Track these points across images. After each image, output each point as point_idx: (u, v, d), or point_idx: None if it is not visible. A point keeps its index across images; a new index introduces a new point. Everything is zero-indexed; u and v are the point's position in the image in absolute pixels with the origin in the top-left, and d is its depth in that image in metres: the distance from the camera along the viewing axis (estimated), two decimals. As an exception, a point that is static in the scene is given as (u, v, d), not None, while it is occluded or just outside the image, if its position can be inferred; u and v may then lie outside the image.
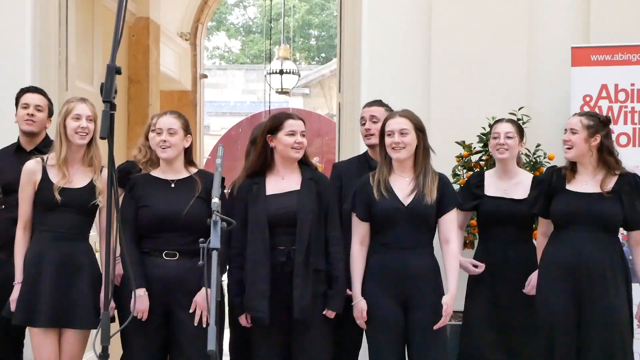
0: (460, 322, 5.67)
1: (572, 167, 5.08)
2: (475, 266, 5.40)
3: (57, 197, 4.87)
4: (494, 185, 5.50)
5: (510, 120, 5.59)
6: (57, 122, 5.06)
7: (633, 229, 5.05)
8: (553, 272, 5.02)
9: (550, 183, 5.12)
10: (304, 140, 4.95)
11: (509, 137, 5.43)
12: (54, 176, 4.94)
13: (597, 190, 4.97)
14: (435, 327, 4.87)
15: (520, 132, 5.56)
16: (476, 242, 5.91)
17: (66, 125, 4.92)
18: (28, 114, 5.59)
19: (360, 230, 5.02)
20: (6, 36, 6.57)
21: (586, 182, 5.02)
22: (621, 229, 5.17)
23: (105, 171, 4.91)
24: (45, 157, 5.01)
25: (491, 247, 5.46)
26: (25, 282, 4.92)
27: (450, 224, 5.01)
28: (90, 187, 4.96)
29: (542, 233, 5.23)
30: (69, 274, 4.88)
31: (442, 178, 5.04)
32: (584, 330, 4.93)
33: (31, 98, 5.53)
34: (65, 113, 4.95)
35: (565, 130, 5.07)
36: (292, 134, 4.90)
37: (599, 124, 5.00)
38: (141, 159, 5.32)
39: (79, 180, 4.97)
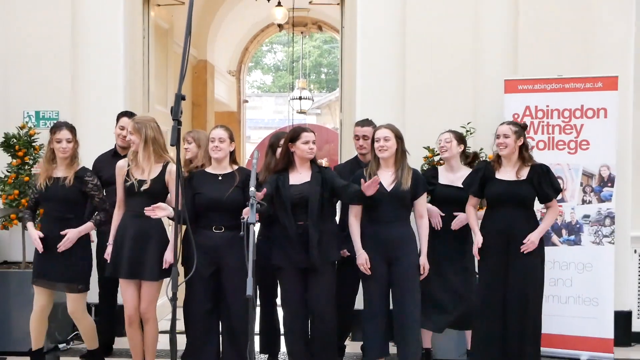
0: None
1: (498, 161, 5.11)
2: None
3: (136, 186, 4.90)
4: (444, 177, 5.50)
5: (450, 130, 5.54)
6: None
7: (543, 202, 5.11)
8: (490, 239, 5.04)
9: (483, 173, 5.12)
10: (314, 147, 5.04)
11: (447, 142, 5.45)
12: (136, 172, 4.97)
13: (515, 178, 5.01)
14: (420, 279, 5.04)
15: (459, 138, 5.52)
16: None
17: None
18: (123, 135, 5.60)
19: (355, 208, 5.08)
20: (105, 72, 6.55)
21: (508, 172, 5.04)
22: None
23: (169, 166, 4.95)
24: (130, 158, 5.01)
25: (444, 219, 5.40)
26: (114, 245, 4.96)
27: (422, 205, 5.12)
28: (160, 178, 4.96)
29: (472, 205, 5.21)
30: (142, 242, 4.90)
31: (415, 172, 5.12)
32: (510, 280, 4.97)
33: (127, 122, 5.46)
34: None
35: (498, 135, 5.07)
36: (307, 142, 5.00)
37: (521, 130, 5.07)
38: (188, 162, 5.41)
39: (153, 174, 4.96)
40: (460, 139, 5.52)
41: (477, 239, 5.09)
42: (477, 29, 6.43)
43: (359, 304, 5.45)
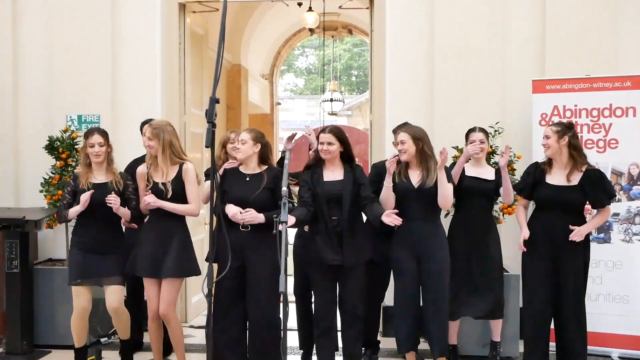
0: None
1: (549, 163, 5.04)
2: None
3: (162, 187, 4.99)
4: (471, 170, 5.49)
5: (480, 129, 5.52)
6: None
7: (595, 207, 5.01)
8: (535, 240, 4.99)
9: (534, 175, 5.06)
10: (329, 148, 5.02)
11: (482, 143, 5.45)
12: (155, 175, 5.07)
13: (566, 182, 4.93)
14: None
15: (487, 135, 5.52)
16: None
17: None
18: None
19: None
20: (143, 77, 6.68)
21: (559, 176, 4.96)
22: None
23: (185, 165, 5.05)
24: (149, 162, 5.10)
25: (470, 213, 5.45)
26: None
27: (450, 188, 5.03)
28: (178, 179, 5.04)
29: (522, 205, 5.19)
30: (165, 242, 5.00)
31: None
32: (561, 282, 4.93)
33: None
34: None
35: (543, 138, 5.04)
36: (322, 143, 5.04)
37: (565, 128, 4.96)
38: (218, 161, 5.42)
39: (171, 176, 5.05)
40: (487, 135, 5.53)
41: (524, 233, 5.01)
42: (504, 30, 6.42)
43: (389, 300, 5.50)
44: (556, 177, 4.97)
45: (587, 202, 5.03)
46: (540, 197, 5.03)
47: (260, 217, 4.76)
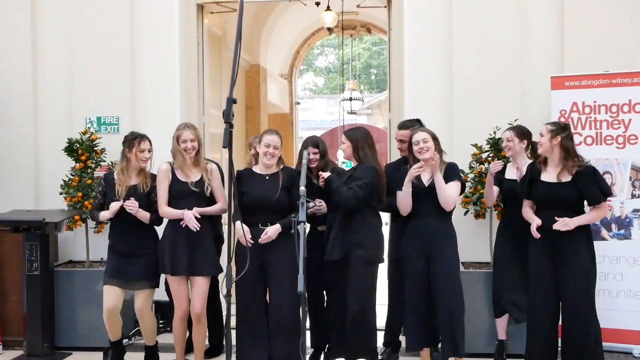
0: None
1: (544, 161, 4.98)
2: None
3: (191, 188, 5.04)
4: (510, 172, 5.47)
5: (512, 127, 5.51)
6: (173, 139, 5.15)
7: (592, 204, 4.89)
8: (537, 240, 4.88)
9: (530, 176, 5.01)
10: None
11: (509, 141, 5.42)
12: (180, 175, 5.10)
13: (556, 180, 4.86)
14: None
15: (521, 134, 5.45)
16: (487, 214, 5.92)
17: (180, 144, 5.08)
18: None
19: None
20: (162, 78, 6.71)
21: (551, 174, 4.90)
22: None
23: (208, 166, 5.14)
24: (172, 162, 5.15)
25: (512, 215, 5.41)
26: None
27: (450, 187, 4.98)
28: (201, 180, 5.09)
29: (527, 206, 5.07)
30: (195, 240, 5.03)
31: (449, 165, 5.08)
32: (564, 280, 4.82)
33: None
34: (177, 137, 5.11)
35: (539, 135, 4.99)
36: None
37: (559, 129, 4.89)
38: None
39: (194, 177, 5.10)
40: (522, 134, 5.45)
41: (536, 221, 4.87)
42: (523, 26, 6.37)
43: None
44: (550, 175, 4.92)
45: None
46: (536, 195, 4.96)
47: (277, 229, 4.84)
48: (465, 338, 5.05)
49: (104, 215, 5.19)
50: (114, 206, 5.09)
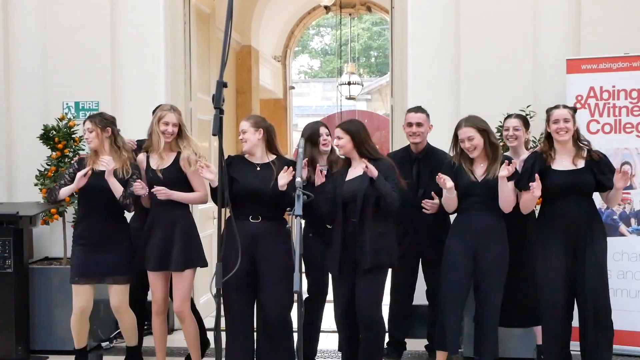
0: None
1: (551, 150, 4.90)
2: None
3: (159, 175, 4.99)
4: None
5: (517, 115, 5.46)
6: (153, 121, 5.08)
7: (604, 191, 4.88)
8: (553, 234, 4.86)
9: (537, 165, 4.89)
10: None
11: (516, 130, 5.34)
12: (153, 162, 5.06)
13: (573, 166, 4.82)
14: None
15: (526, 123, 5.42)
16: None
17: (159, 126, 5.02)
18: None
19: None
20: (146, 60, 6.62)
21: (565, 161, 4.85)
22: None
23: (184, 152, 5.03)
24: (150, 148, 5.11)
25: None
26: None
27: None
28: (175, 163, 5.03)
29: (526, 196, 4.95)
30: (170, 232, 4.99)
31: (505, 158, 4.98)
32: (582, 272, 4.79)
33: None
34: (159, 117, 5.04)
35: (557, 120, 4.83)
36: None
37: (575, 114, 4.89)
38: None
39: (168, 161, 5.05)
40: (527, 123, 5.44)
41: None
42: (536, 5, 6.33)
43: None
44: (562, 163, 4.86)
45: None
46: (551, 185, 4.85)
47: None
48: (501, 342, 5.09)
49: (68, 188, 5.05)
50: (80, 177, 4.96)
